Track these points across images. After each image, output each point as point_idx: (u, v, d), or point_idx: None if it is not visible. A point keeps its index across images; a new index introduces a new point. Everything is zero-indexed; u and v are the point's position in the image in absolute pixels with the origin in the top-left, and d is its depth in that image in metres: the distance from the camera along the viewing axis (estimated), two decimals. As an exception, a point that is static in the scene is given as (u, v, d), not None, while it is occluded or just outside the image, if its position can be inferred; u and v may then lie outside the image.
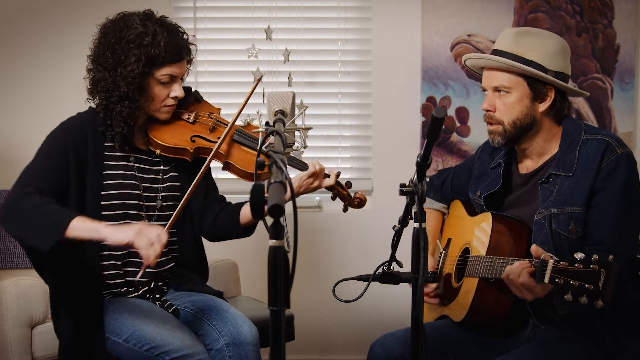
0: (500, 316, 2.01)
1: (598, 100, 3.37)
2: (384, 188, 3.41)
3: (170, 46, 2.12)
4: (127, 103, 2.10)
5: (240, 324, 2.09)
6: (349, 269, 2.28)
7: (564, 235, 1.94)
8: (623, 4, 3.36)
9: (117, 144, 2.16)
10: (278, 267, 1.23)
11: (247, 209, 2.22)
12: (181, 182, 2.28)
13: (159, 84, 2.14)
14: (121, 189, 2.16)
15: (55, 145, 2.11)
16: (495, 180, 2.16)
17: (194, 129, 2.25)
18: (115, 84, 2.09)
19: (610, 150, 1.94)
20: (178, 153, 2.20)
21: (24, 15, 3.29)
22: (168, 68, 2.13)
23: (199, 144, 2.21)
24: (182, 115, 2.28)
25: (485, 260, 2.00)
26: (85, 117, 2.19)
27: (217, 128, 2.27)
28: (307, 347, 3.41)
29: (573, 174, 1.96)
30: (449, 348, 2.11)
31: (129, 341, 2.05)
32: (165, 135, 2.20)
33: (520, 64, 1.96)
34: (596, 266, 1.65)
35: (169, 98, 2.17)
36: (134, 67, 2.07)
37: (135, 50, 2.08)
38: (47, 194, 2.01)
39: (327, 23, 3.42)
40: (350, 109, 3.46)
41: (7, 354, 2.43)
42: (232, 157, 2.22)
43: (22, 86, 3.29)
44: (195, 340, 2.06)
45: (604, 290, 1.63)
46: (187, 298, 2.23)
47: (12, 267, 2.86)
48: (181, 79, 2.22)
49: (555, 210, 1.95)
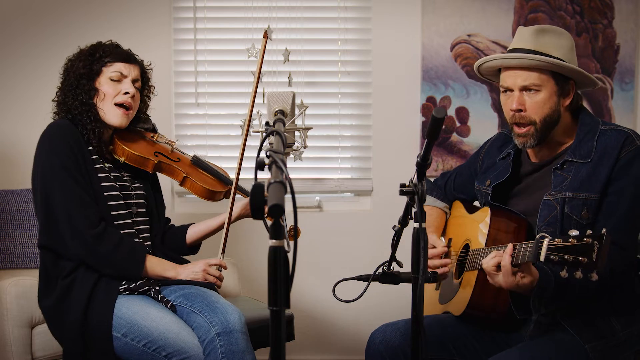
0: (500, 309, 2.02)
1: (598, 100, 3.37)
2: (384, 188, 3.41)
3: (119, 50, 2.36)
4: (85, 108, 2.27)
5: (229, 313, 2.13)
6: (349, 269, 2.28)
7: (575, 219, 1.95)
8: (623, 4, 3.36)
9: (97, 152, 2.31)
10: (278, 267, 1.23)
11: (193, 230, 2.53)
12: (146, 192, 2.46)
13: (110, 81, 2.30)
14: (112, 193, 2.30)
15: (67, 156, 2.20)
16: (504, 170, 2.17)
17: (156, 147, 2.48)
18: (71, 97, 2.29)
19: (630, 141, 1.96)
20: (141, 162, 2.38)
21: (24, 15, 3.29)
22: (117, 65, 2.32)
23: (160, 159, 2.42)
24: (145, 134, 2.49)
25: (485, 251, 2.01)
26: (69, 122, 2.29)
27: (175, 152, 2.52)
28: (307, 347, 3.41)
29: (591, 161, 1.97)
30: (450, 342, 2.12)
31: (127, 335, 2.10)
32: (130, 144, 2.38)
33: (558, 61, 1.96)
34: (589, 239, 1.66)
35: (120, 94, 2.31)
36: (81, 71, 2.29)
37: (82, 62, 2.31)
38: (99, 220, 2.20)
39: (327, 23, 3.42)
40: (350, 109, 3.46)
41: (7, 354, 2.43)
42: (192, 175, 2.47)
43: (22, 86, 3.29)
44: (191, 336, 2.11)
45: (597, 262, 1.65)
46: (180, 292, 2.27)
47: (12, 267, 2.87)
48: (136, 87, 2.36)
49: (570, 194, 1.96)
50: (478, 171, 2.33)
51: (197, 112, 3.42)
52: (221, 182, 2.53)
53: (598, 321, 1.95)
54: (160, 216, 2.53)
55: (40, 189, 2.21)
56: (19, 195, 2.95)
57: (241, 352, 2.09)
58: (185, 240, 2.52)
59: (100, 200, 2.24)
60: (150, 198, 2.47)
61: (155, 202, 2.51)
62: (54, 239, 2.21)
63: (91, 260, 2.19)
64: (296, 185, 2.36)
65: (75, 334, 2.12)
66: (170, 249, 2.49)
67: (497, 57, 2.06)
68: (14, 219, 2.90)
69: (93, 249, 2.17)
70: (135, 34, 3.20)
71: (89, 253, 2.17)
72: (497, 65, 2.07)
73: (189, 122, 3.42)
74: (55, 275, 2.22)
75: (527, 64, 1.98)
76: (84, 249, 2.17)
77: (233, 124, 3.40)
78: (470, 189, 2.34)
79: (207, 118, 3.41)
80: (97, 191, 2.24)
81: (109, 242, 2.18)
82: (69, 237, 2.17)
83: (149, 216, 2.45)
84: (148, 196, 2.46)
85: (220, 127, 3.42)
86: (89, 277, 2.18)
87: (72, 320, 2.13)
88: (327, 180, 3.45)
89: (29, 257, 2.88)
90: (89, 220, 2.17)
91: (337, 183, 3.44)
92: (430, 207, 2.44)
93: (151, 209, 2.46)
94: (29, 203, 2.93)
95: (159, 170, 2.45)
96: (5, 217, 2.89)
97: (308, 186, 3.44)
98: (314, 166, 3.45)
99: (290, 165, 3.32)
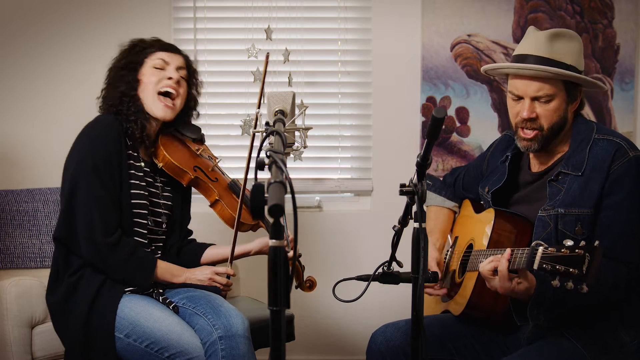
0: (499, 311, 2.02)
1: (598, 100, 3.37)
2: (384, 188, 3.41)
3: (161, 42, 2.36)
4: (125, 99, 2.25)
5: (233, 317, 2.13)
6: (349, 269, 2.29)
7: (570, 235, 1.93)
8: (623, 4, 3.36)
9: (136, 151, 2.28)
10: (278, 267, 1.23)
11: (211, 252, 2.47)
12: (174, 202, 2.42)
13: (153, 70, 2.29)
14: (139, 201, 2.27)
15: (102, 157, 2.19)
16: (501, 175, 2.17)
17: (198, 161, 2.40)
18: (117, 89, 2.28)
19: (621, 153, 1.93)
20: (178, 173, 2.33)
21: (24, 15, 3.29)
22: (160, 53, 2.31)
23: (198, 175, 2.36)
24: (190, 144, 2.42)
25: (486, 253, 2.01)
26: (113, 119, 2.27)
27: (214, 171, 2.45)
28: (307, 347, 3.41)
29: (582, 174, 1.95)
30: (450, 341, 2.12)
31: (130, 336, 2.09)
32: (173, 152, 2.32)
33: (572, 73, 1.94)
34: (581, 251, 1.66)
35: (165, 80, 2.29)
36: (121, 63, 2.29)
37: (125, 53, 2.32)
38: (116, 228, 2.18)
39: (327, 23, 3.42)
40: (350, 109, 3.46)
41: (7, 354, 2.43)
42: (224, 199, 2.40)
43: (23, 86, 3.29)
44: (194, 337, 2.10)
45: (587, 274, 1.64)
46: (184, 294, 2.27)
47: (12, 267, 2.86)
48: (181, 76, 2.33)
49: (562, 210, 1.95)
50: (483, 174, 2.33)
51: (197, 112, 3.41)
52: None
53: (606, 336, 1.92)
54: (183, 229, 2.50)
55: (69, 183, 2.19)
56: (19, 195, 2.95)
57: (242, 356, 2.08)
58: (200, 260, 2.47)
59: (125, 206, 2.22)
60: (176, 209, 2.43)
61: (182, 214, 2.48)
62: (69, 235, 2.20)
63: (101, 265, 2.18)
64: (296, 185, 2.36)
65: (78, 333, 2.12)
66: (183, 263, 2.42)
67: (511, 66, 2.02)
68: (14, 219, 2.90)
69: (104, 257, 2.16)
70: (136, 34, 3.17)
71: (100, 259, 2.17)
72: (510, 73, 2.04)
73: (189, 122, 3.42)
74: (63, 270, 2.22)
75: (543, 76, 1.95)
76: (96, 254, 2.16)
77: (233, 124, 3.40)
78: (477, 189, 2.34)
79: (207, 118, 3.41)
80: (125, 197, 2.22)
81: (122, 252, 2.17)
82: (83, 238, 2.16)
83: (171, 227, 2.42)
84: (174, 206, 2.43)
85: (220, 127, 3.42)
86: (95, 277, 2.18)
87: (76, 320, 2.13)
88: (327, 180, 3.45)
89: (29, 257, 2.88)
90: (106, 225, 2.16)
91: (337, 183, 3.44)
92: (440, 209, 2.43)
93: (174, 220, 2.43)
94: (29, 203, 2.93)
95: (194, 186, 2.40)
96: (5, 217, 2.89)
97: (308, 186, 3.44)
98: (314, 166, 3.45)
99: (290, 165, 3.32)
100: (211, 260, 2.47)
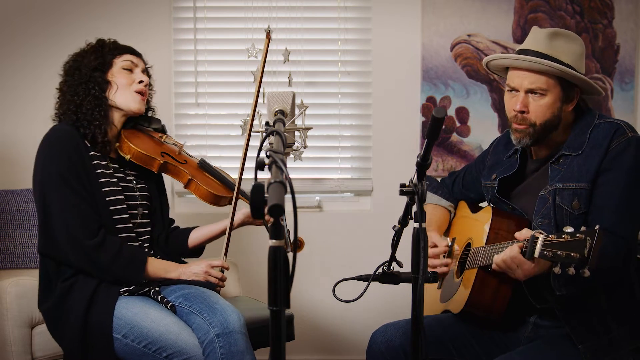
0: (499, 308, 2.03)
1: (598, 100, 3.37)
2: (384, 188, 3.41)
3: (123, 45, 2.38)
4: (97, 102, 2.27)
5: (229, 314, 2.13)
6: (349, 269, 2.28)
7: (567, 210, 1.96)
8: (623, 4, 3.36)
9: (101, 152, 2.29)
10: (278, 267, 1.23)
11: (196, 234, 2.51)
12: (150, 192, 2.45)
13: (122, 71, 2.32)
14: (114, 197, 2.28)
15: (66, 165, 2.18)
16: (511, 166, 2.18)
17: (164, 147, 2.46)
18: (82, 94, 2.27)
19: (621, 132, 1.96)
20: (147, 161, 2.37)
21: (24, 15, 3.29)
22: (127, 55, 2.35)
23: (167, 159, 2.40)
24: (153, 134, 2.48)
25: (485, 249, 2.02)
26: (70, 127, 2.27)
27: (182, 154, 2.50)
28: (307, 347, 3.41)
29: (582, 152, 1.98)
30: (450, 341, 2.13)
31: (127, 337, 2.09)
32: (137, 143, 2.36)
33: (566, 68, 1.96)
34: (582, 235, 1.68)
35: (135, 83, 2.33)
36: (94, 63, 2.28)
37: (92, 55, 2.31)
38: (98, 229, 2.19)
39: (327, 23, 3.42)
40: (350, 109, 3.46)
41: (7, 354, 2.43)
42: (197, 178, 2.45)
43: (22, 86, 3.29)
44: (191, 337, 2.11)
45: (588, 258, 1.66)
46: (180, 292, 2.27)
47: (12, 267, 2.86)
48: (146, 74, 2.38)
49: (560, 185, 1.97)
50: (485, 168, 2.33)
51: (197, 112, 3.42)
52: (227, 187, 2.51)
53: (594, 320, 1.94)
54: (164, 217, 2.53)
55: (39, 197, 2.21)
56: (19, 195, 2.95)
57: (240, 352, 2.09)
58: (188, 244, 2.52)
59: (102, 206, 2.23)
60: (154, 198, 2.47)
61: (160, 202, 2.51)
62: (53, 247, 2.20)
63: (91, 269, 2.19)
64: (296, 185, 2.36)
65: (76, 336, 2.12)
66: (172, 251, 2.48)
67: (509, 56, 2.06)
68: (14, 219, 2.90)
69: (93, 259, 2.16)
70: (135, 34, 3.20)
71: (89, 262, 2.17)
72: (507, 64, 2.08)
73: (188, 122, 3.42)
74: (55, 277, 2.23)
75: (537, 68, 1.98)
76: (84, 258, 2.17)
77: (233, 124, 3.40)
78: (479, 187, 2.35)
79: (207, 118, 3.41)
80: (99, 198, 2.23)
81: (109, 251, 2.18)
82: (68, 247, 2.16)
83: (152, 217, 2.45)
84: (152, 196, 2.46)
85: (220, 127, 3.42)
86: (89, 281, 2.19)
87: (73, 322, 2.13)
88: (327, 180, 3.45)
89: (29, 257, 2.88)
90: (87, 229, 2.17)
91: (337, 183, 3.44)
92: (434, 206, 2.44)
93: (154, 209, 2.46)
94: (29, 203, 2.93)
95: (164, 171, 2.44)
96: (5, 217, 2.89)
97: (308, 186, 3.44)
98: (314, 166, 3.45)
99: (290, 165, 3.32)
100: (199, 242, 2.51)
